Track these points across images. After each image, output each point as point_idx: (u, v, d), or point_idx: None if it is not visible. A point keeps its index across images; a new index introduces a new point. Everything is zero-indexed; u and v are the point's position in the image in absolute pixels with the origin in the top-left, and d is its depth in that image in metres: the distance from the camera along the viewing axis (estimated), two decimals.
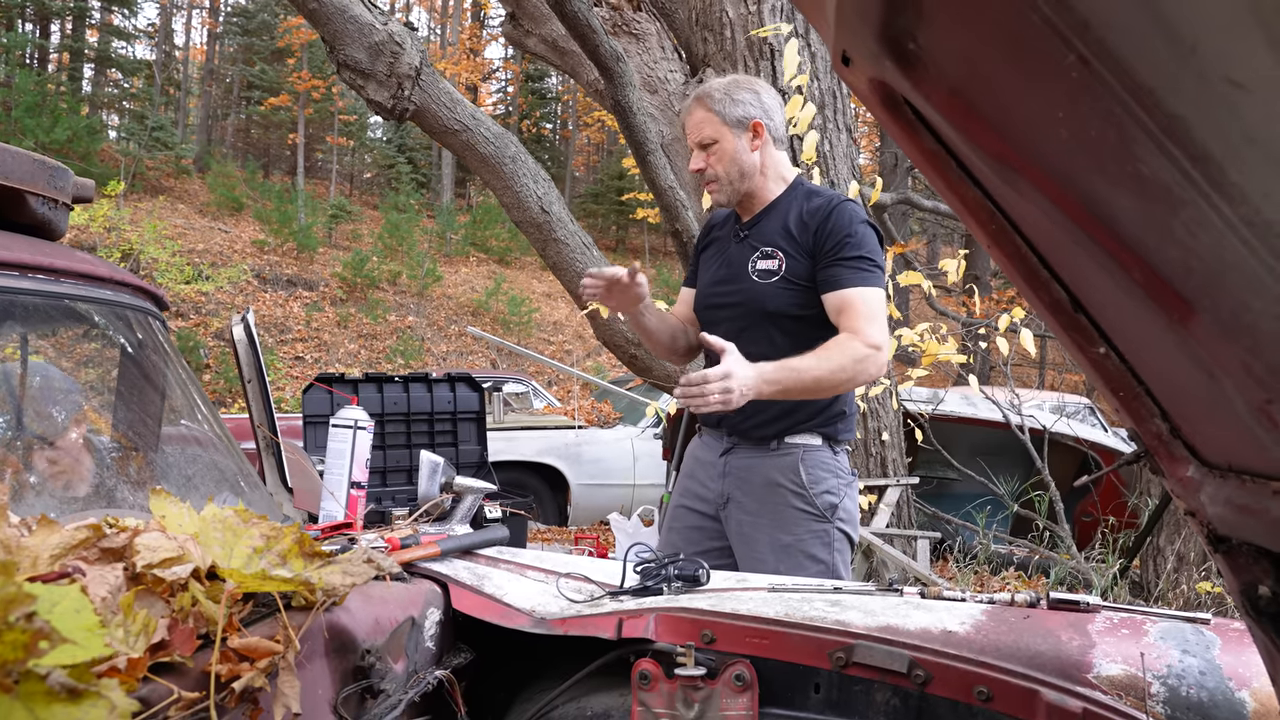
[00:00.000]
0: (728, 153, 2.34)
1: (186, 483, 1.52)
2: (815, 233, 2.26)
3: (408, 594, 1.34)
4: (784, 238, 2.32)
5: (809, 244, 2.27)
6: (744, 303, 2.34)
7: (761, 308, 2.31)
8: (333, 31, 4.59)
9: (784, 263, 2.30)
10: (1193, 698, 1.11)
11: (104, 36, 29.12)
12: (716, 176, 2.37)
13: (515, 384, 10.25)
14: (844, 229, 2.24)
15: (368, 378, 4.94)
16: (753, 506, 2.31)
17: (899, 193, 12.97)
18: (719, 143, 2.34)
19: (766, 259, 2.33)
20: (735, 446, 2.38)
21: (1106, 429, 7.33)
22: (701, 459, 2.47)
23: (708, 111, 2.34)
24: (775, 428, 2.31)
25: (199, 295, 17.25)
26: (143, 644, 0.82)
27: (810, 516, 2.26)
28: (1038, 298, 0.79)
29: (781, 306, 2.29)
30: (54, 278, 1.36)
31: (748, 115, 2.34)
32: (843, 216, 2.26)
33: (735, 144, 2.34)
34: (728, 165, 2.35)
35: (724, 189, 2.39)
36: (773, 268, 2.31)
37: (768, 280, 2.31)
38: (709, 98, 2.34)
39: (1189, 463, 0.82)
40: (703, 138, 2.35)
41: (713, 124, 2.34)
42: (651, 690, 1.32)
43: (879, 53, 0.66)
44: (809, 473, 2.28)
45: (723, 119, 2.33)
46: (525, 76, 34.75)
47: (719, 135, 2.34)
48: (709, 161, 2.36)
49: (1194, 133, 0.50)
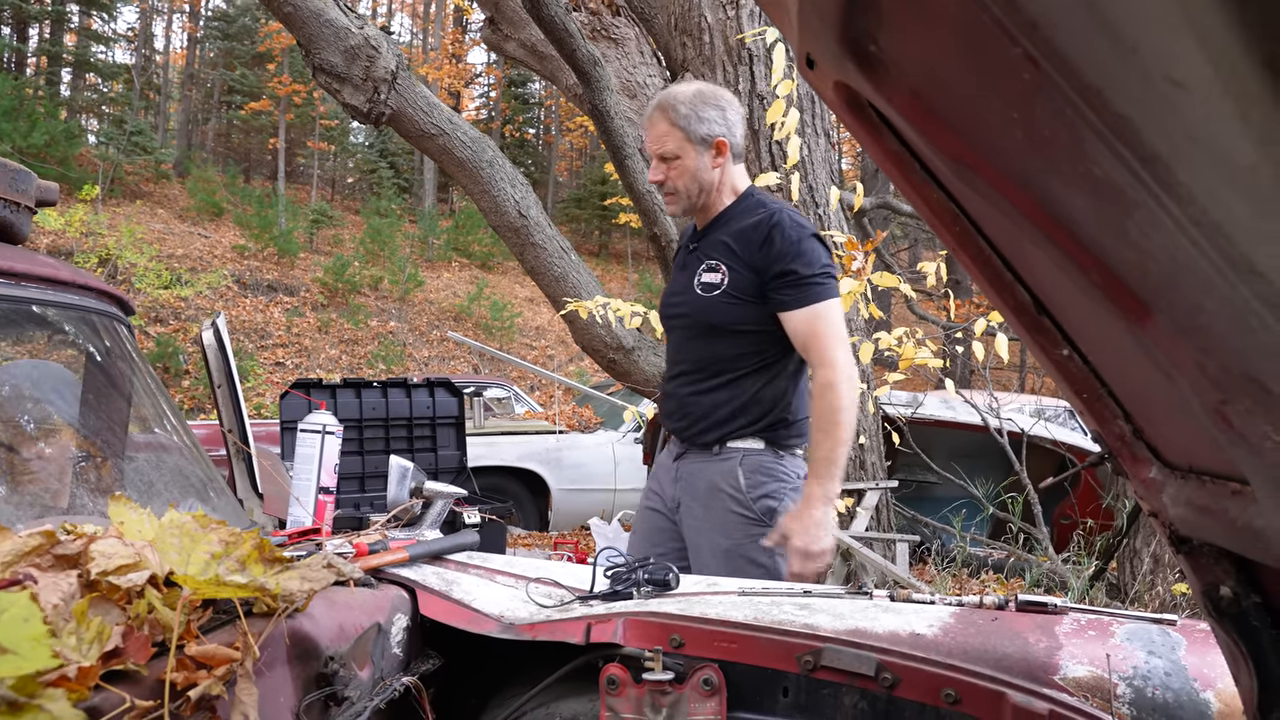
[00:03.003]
0: (689, 169, 2.34)
1: (150, 489, 1.51)
2: (760, 248, 2.26)
3: (374, 600, 1.33)
4: (727, 251, 2.32)
5: (752, 259, 2.27)
6: (691, 314, 2.37)
7: (706, 320, 2.34)
8: (308, 35, 4.57)
9: (727, 276, 2.31)
10: (1158, 699, 1.11)
11: (83, 40, 28.91)
12: (675, 190, 2.37)
13: (497, 389, 10.22)
14: (791, 246, 2.24)
15: (346, 383, 4.92)
16: (698, 511, 2.34)
17: (879, 197, 13.03)
18: (681, 159, 2.33)
19: (711, 271, 2.34)
20: (686, 452, 2.41)
21: (1085, 432, 7.37)
22: (662, 464, 2.52)
23: (671, 125, 2.32)
24: (716, 433, 2.33)
25: (178, 300, 17.12)
26: (96, 652, 0.81)
27: (748, 521, 2.27)
28: (1003, 300, 0.79)
29: (724, 320, 2.31)
30: (16, 282, 1.34)
31: (712, 133, 2.32)
32: (788, 233, 2.25)
33: (697, 161, 2.33)
34: (688, 181, 2.35)
35: (680, 201, 2.39)
36: (716, 280, 2.32)
37: (711, 293, 2.32)
38: (674, 110, 2.32)
39: (1151, 464, 0.82)
40: (665, 150, 2.33)
41: (676, 139, 2.32)
42: (620, 695, 1.31)
43: (841, 55, 0.66)
44: (748, 477, 2.29)
45: (687, 135, 2.32)
46: (508, 82, 34.71)
47: (681, 151, 2.32)
48: (669, 174, 2.35)
49: (1141, 133, 0.50)
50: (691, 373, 2.39)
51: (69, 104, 28.42)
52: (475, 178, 4.99)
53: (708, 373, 2.35)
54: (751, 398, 2.31)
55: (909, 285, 4.59)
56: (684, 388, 2.40)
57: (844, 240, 3.97)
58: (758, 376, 2.31)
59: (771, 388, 2.32)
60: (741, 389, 2.32)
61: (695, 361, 2.38)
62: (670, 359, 2.51)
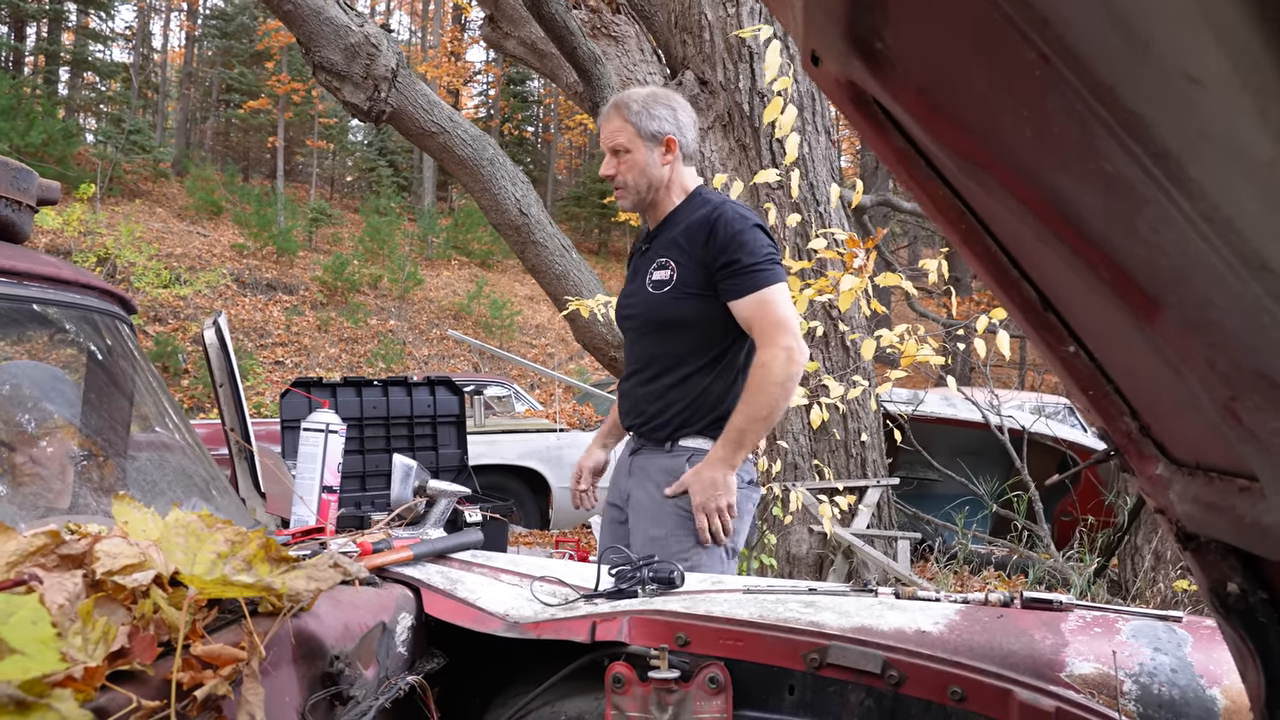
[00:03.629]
0: (638, 163, 2.41)
1: (153, 489, 1.50)
2: (706, 243, 2.31)
3: (379, 599, 1.32)
4: (675, 248, 2.39)
5: (699, 253, 2.33)
6: (642, 313, 2.44)
7: (657, 316, 2.40)
8: (308, 33, 4.57)
9: (675, 272, 2.37)
10: (1164, 695, 1.11)
11: (80, 39, 28.89)
12: (625, 184, 2.44)
13: (497, 387, 10.21)
14: (734, 237, 2.29)
15: (346, 382, 4.92)
16: (642, 499, 2.40)
17: (879, 195, 13.02)
18: (631, 153, 2.41)
19: (661, 269, 2.40)
20: (641, 448, 2.47)
21: (1086, 429, 7.37)
22: (620, 461, 2.59)
23: (624, 121, 2.40)
24: (668, 430, 2.39)
25: (177, 300, 17.11)
26: (101, 652, 0.81)
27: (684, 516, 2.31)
28: (1008, 297, 0.79)
29: (674, 315, 2.36)
30: (17, 281, 1.34)
31: (662, 130, 2.41)
32: (730, 225, 2.31)
33: (647, 156, 2.41)
34: (636, 175, 2.42)
35: (629, 196, 2.46)
36: (665, 278, 2.39)
37: (660, 290, 2.38)
38: (626, 108, 2.41)
39: (1157, 461, 0.82)
40: (616, 144, 2.42)
41: (627, 133, 2.40)
42: (625, 693, 1.31)
43: (847, 52, 0.66)
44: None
45: (637, 130, 2.40)
46: (507, 80, 34.68)
47: (632, 145, 2.40)
48: (619, 168, 2.43)
49: (1153, 130, 0.50)
50: (643, 370, 2.45)
51: (67, 103, 28.40)
52: (476, 175, 4.98)
53: (659, 369, 2.41)
54: (701, 393, 2.36)
55: (910, 283, 4.58)
56: (639, 386, 2.46)
57: (845, 238, 3.97)
58: (705, 372, 2.36)
59: (720, 382, 2.37)
60: (691, 385, 2.37)
61: (647, 360, 2.45)
62: (627, 359, 2.57)
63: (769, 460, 4.79)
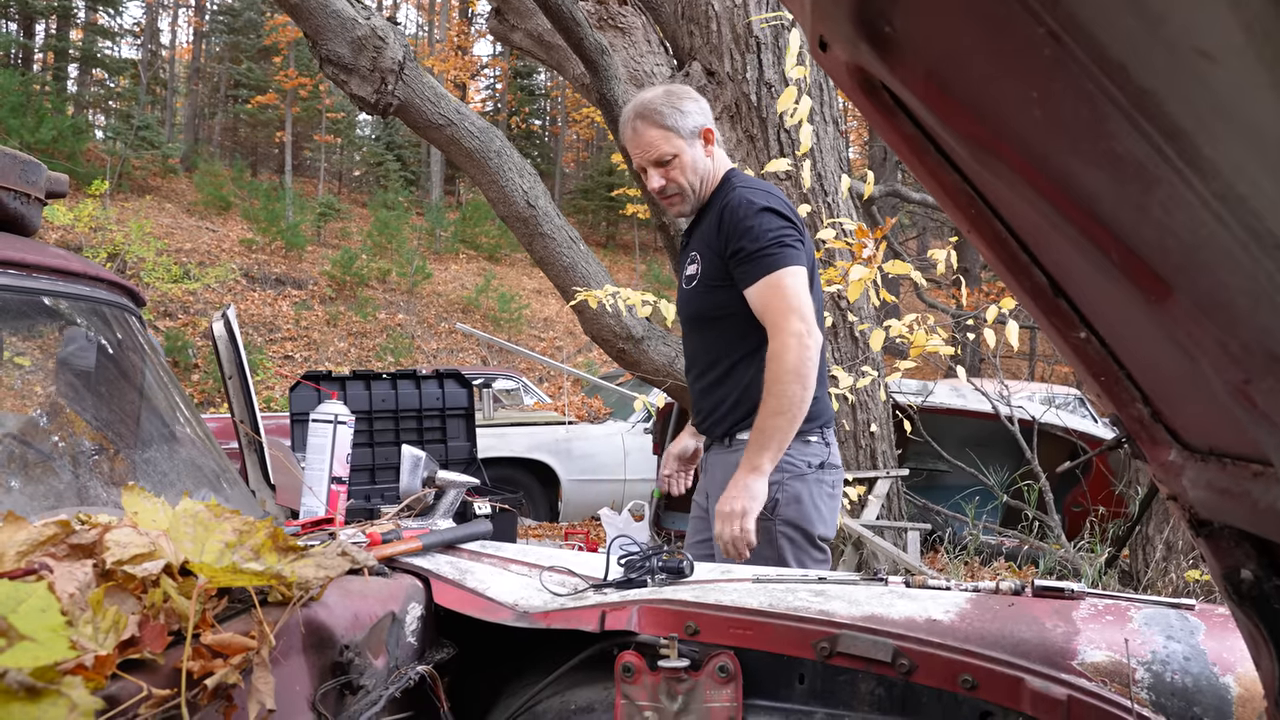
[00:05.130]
0: (688, 163, 2.33)
1: (163, 479, 1.51)
2: (719, 232, 2.27)
3: (388, 589, 1.33)
4: (701, 241, 2.36)
5: (716, 244, 2.28)
6: (683, 309, 2.43)
7: (693, 312, 2.39)
8: (315, 26, 4.56)
9: (701, 266, 2.34)
10: (1177, 683, 1.10)
11: (89, 36, 28.94)
12: (680, 189, 2.36)
13: (505, 380, 10.24)
14: (739, 224, 2.24)
15: (355, 375, 4.93)
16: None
17: (887, 185, 12.98)
18: (679, 156, 2.32)
19: (691, 263, 2.37)
20: (710, 446, 2.44)
21: (1096, 419, 7.35)
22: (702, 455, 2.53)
23: (661, 129, 2.31)
24: (723, 426, 2.35)
25: (186, 295, 17.17)
26: (112, 641, 0.81)
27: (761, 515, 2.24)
28: (1018, 283, 0.79)
29: (706, 309, 2.34)
30: (27, 273, 1.34)
31: (698, 124, 2.34)
32: (736, 212, 2.25)
33: (693, 154, 2.34)
34: (689, 175, 2.35)
35: (687, 200, 2.38)
36: (694, 272, 2.36)
37: (692, 285, 2.36)
38: (658, 114, 2.31)
39: (1170, 446, 0.81)
40: (660, 154, 2.32)
41: (669, 139, 2.32)
42: (635, 683, 1.31)
43: (855, 37, 0.65)
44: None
45: (678, 132, 2.32)
46: (514, 73, 34.65)
47: (677, 149, 2.32)
48: (669, 176, 2.34)
49: (1165, 107, 0.50)
50: (694, 368, 2.43)
51: (76, 99, 28.50)
52: (483, 168, 4.98)
53: (705, 365, 2.38)
54: (747, 385, 2.30)
55: (919, 273, 4.57)
56: (694, 384, 2.44)
57: (854, 228, 3.95)
58: (748, 363, 2.30)
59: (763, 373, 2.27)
60: (736, 378, 2.32)
61: (695, 357, 2.42)
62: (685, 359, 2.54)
63: None
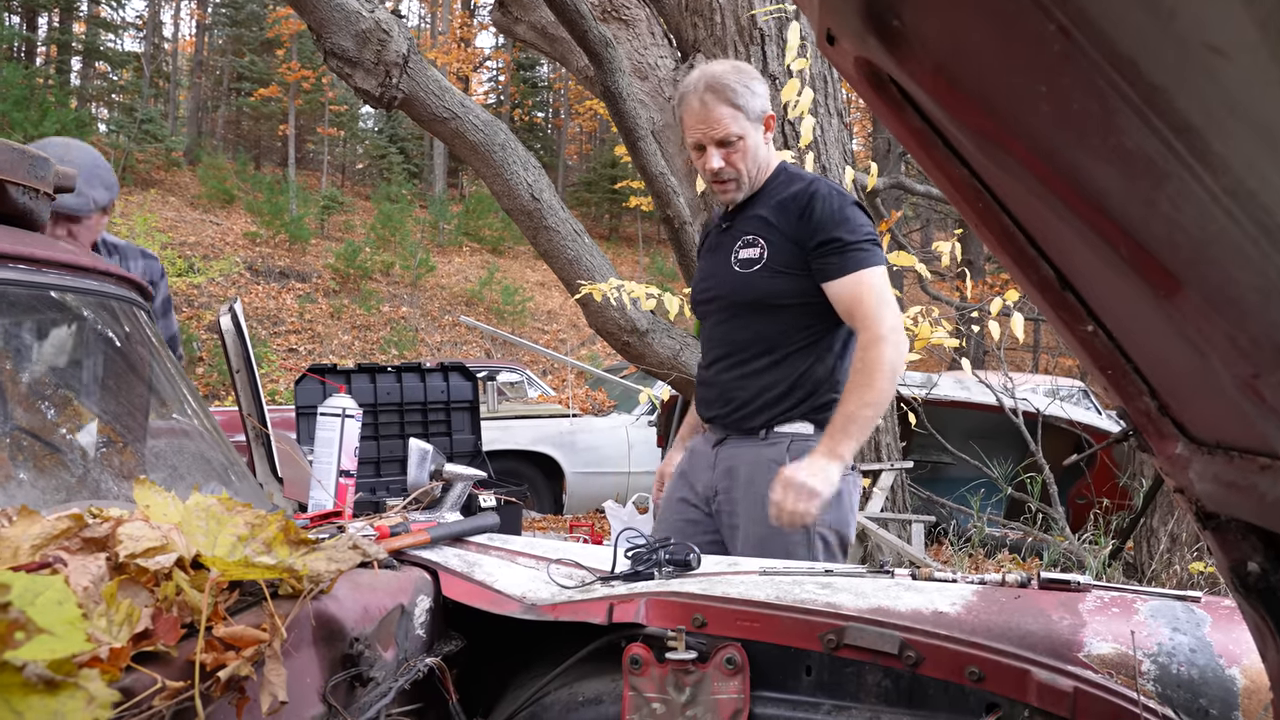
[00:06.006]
0: (750, 149, 2.21)
1: (173, 473, 1.52)
2: (801, 218, 2.17)
3: (397, 581, 1.33)
4: (764, 225, 2.23)
5: (792, 230, 2.18)
6: (728, 294, 2.27)
7: (744, 297, 2.24)
8: (319, 19, 4.56)
9: (766, 250, 2.21)
10: (1183, 675, 1.11)
11: (92, 29, 28.96)
12: (737, 175, 2.24)
13: (510, 373, 10.24)
14: (833, 214, 2.15)
15: (361, 368, 4.94)
16: (739, 497, 2.23)
17: (891, 177, 12.96)
18: (744, 139, 2.20)
19: (748, 247, 2.23)
20: (727, 438, 2.30)
21: (1100, 412, 7.35)
22: (697, 451, 2.40)
23: (732, 107, 2.16)
24: (763, 417, 2.22)
25: (191, 288, 17.19)
26: (126, 634, 0.82)
27: None
28: (1026, 276, 0.79)
29: (765, 294, 2.21)
30: (36, 268, 1.35)
31: (765, 108, 2.22)
32: (829, 201, 2.17)
33: (757, 139, 2.23)
34: (749, 163, 2.23)
35: (742, 188, 2.27)
36: (754, 255, 2.22)
37: (750, 269, 2.22)
38: (731, 90, 2.16)
39: (1177, 440, 0.82)
40: (727, 134, 2.18)
41: (738, 120, 2.18)
42: (643, 675, 1.32)
43: (863, 30, 0.65)
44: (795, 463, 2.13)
45: (747, 115, 2.19)
46: (516, 65, 34.61)
47: (744, 132, 2.19)
48: (730, 160, 2.21)
49: (1175, 102, 0.50)
50: (733, 355, 2.28)
51: (79, 92, 28.50)
52: (488, 161, 4.98)
53: (752, 353, 2.24)
54: (800, 377, 2.20)
55: (923, 265, 4.57)
56: (726, 372, 2.29)
57: None
58: (805, 354, 2.21)
59: (821, 365, 2.22)
60: (790, 368, 2.21)
61: (737, 343, 2.27)
62: (707, 345, 2.39)
63: None
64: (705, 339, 2.40)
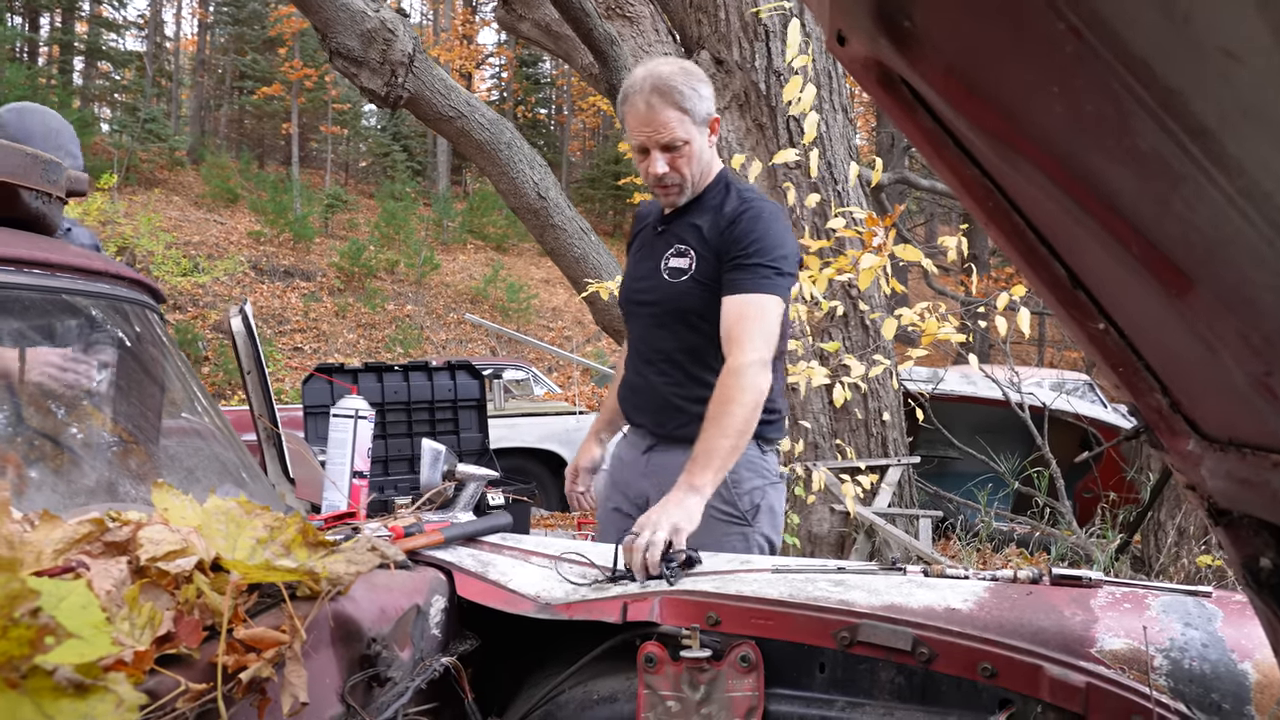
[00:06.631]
0: (695, 154, 2.15)
1: (188, 475, 1.53)
2: (724, 232, 2.13)
3: (412, 582, 1.34)
4: (697, 236, 2.18)
5: (718, 245, 2.14)
6: (659, 300, 2.22)
7: (674, 305, 2.19)
8: (324, 19, 4.57)
9: (694, 261, 2.17)
10: (1195, 670, 1.11)
11: (94, 28, 29.01)
12: (681, 180, 2.17)
13: (515, 371, 10.24)
14: (750, 233, 2.10)
15: (367, 367, 4.95)
16: None
17: (896, 172, 12.95)
18: (690, 144, 2.13)
19: (679, 256, 2.19)
20: (657, 444, 2.26)
21: (1106, 405, 7.34)
22: (625, 458, 2.35)
23: (679, 111, 2.09)
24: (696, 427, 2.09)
25: (196, 288, 17.23)
26: (149, 637, 0.83)
27: (730, 519, 2.17)
28: (1036, 275, 0.79)
29: (692, 305, 2.16)
30: (50, 272, 1.36)
31: (710, 112, 2.16)
32: (755, 221, 2.11)
33: (702, 143, 2.16)
34: (694, 167, 2.17)
35: (685, 193, 2.21)
36: (683, 266, 2.18)
37: (678, 279, 2.18)
38: (678, 93, 2.08)
39: (1189, 437, 0.82)
40: (673, 139, 2.11)
41: (684, 125, 2.11)
42: (657, 673, 1.32)
43: (874, 31, 0.65)
44: (733, 472, 2.08)
45: (694, 118, 2.12)
46: (519, 62, 34.61)
47: (690, 136, 2.13)
48: (675, 165, 2.14)
49: (1190, 105, 0.50)
50: (664, 363, 2.23)
51: (82, 92, 28.54)
52: (494, 160, 4.99)
53: (683, 362, 2.20)
54: None
55: (929, 260, 4.57)
56: (658, 378, 2.24)
57: (864, 216, 3.95)
58: None
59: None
60: None
61: (669, 351, 2.22)
62: (638, 347, 2.32)
63: (790, 441, 4.80)
64: (636, 340, 2.35)
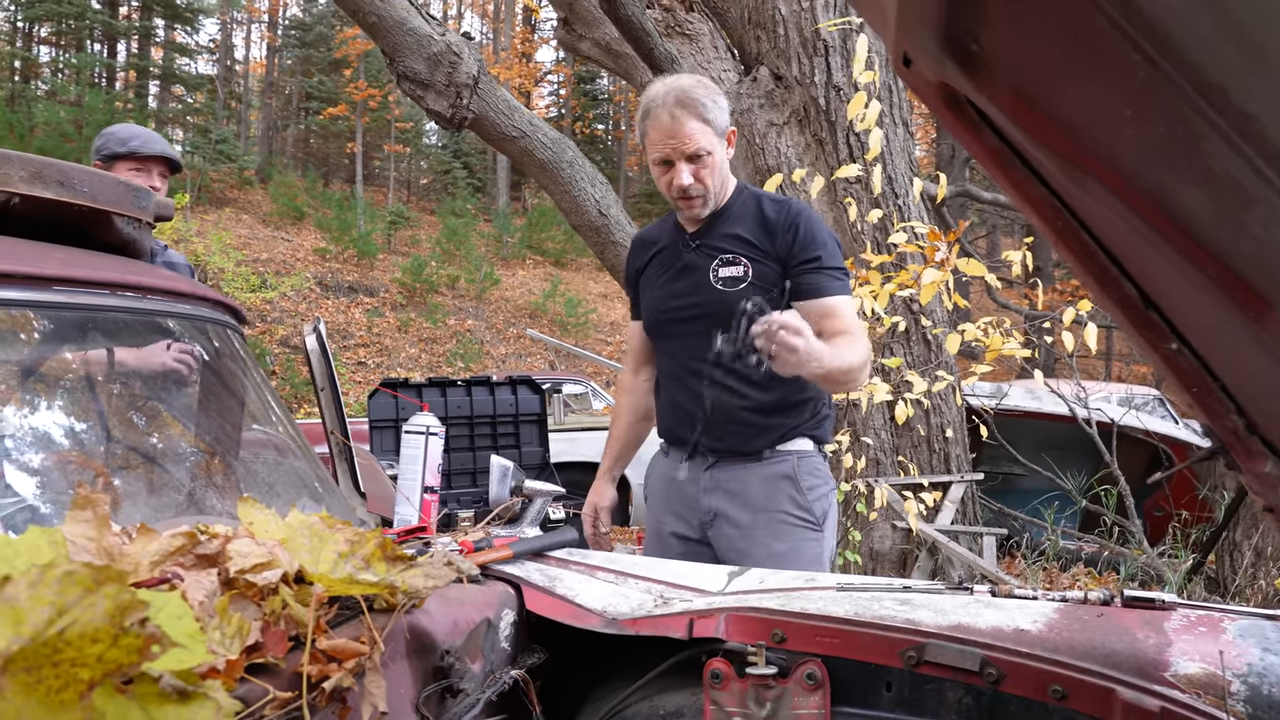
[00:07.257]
0: (717, 164, 2.20)
1: (269, 489, 1.58)
2: (784, 237, 2.17)
3: (483, 596, 1.37)
4: (743, 243, 2.22)
5: (772, 249, 2.18)
6: (713, 312, 2.20)
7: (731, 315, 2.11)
8: (392, 44, 4.68)
9: (749, 268, 2.19)
10: (1275, 697, 1.09)
11: (168, 54, 29.92)
12: (704, 191, 2.20)
13: (574, 385, 10.30)
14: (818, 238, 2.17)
15: (431, 382, 5.03)
16: (745, 519, 2.21)
17: (957, 184, 12.80)
18: (712, 154, 2.18)
19: (730, 265, 2.21)
20: (719, 461, 2.27)
21: (1177, 421, 7.16)
22: (677, 479, 2.34)
23: (701, 122, 2.14)
24: (767, 438, 2.21)
25: (264, 303, 17.64)
26: (238, 646, 0.86)
27: (804, 525, 2.20)
28: (1106, 294, 0.79)
29: None
30: (141, 294, 1.42)
31: (728, 123, 2.21)
32: (814, 226, 2.19)
33: (723, 155, 2.22)
34: (716, 178, 2.21)
35: (709, 204, 2.24)
36: (738, 274, 2.20)
37: (735, 287, 2.19)
38: (700, 105, 2.14)
39: (1266, 458, 0.81)
40: (697, 149, 2.15)
41: (707, 135, 2.16)
42: (724, 689, 1.33)
43: (941, 54, 0.66)
44: (804, 479, 2.19)
45: (715, 129, 2.17)
46: (577, 79, 34.94)
47: (712, 147, 2.18)
48: (699, 175, 2.18)
49: (1266, 130, 0.50)
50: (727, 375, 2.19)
51: (157, 115, 29.44)
52: (556, 178, 5.05)
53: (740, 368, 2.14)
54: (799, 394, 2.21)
55: (992, 274, 4.51)
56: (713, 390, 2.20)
57: (926, 231, 3.93)
58: None
59: (812, 384, 2.18)
60: (789, 385, 2.18)
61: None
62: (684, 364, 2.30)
63: (853, 457, 4.76)
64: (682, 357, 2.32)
